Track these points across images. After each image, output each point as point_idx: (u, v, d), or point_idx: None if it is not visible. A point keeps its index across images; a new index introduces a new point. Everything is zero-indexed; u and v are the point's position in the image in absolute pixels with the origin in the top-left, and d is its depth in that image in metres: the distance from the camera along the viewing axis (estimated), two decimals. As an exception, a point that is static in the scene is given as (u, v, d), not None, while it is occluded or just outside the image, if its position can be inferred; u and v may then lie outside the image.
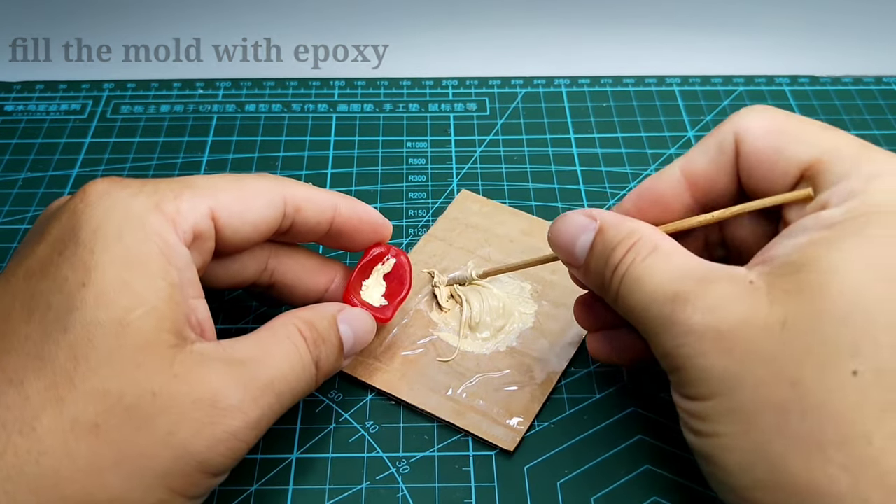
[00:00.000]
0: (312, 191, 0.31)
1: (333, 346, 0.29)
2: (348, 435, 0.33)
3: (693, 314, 0.23)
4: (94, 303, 0.23)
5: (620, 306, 0.27)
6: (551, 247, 0.29)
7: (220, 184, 0.28)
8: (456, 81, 0.51)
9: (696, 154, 0.28)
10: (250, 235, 0.29)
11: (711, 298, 0.23)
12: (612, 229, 0.27)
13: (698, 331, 0.23)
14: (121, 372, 0.23)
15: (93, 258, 0.24)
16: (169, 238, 0.25)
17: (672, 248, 0.26)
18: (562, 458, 0.32)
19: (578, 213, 0.28)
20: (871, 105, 0.49)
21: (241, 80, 0.51)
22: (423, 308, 0.37)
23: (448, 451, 0.32)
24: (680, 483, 0.31)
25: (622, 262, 0.26)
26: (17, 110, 0.49)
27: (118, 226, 0.24)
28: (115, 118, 0.48)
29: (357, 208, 0.32)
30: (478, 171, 0.45)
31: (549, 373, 0.34)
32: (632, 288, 0.25)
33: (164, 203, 0.26)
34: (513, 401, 0.33)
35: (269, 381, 0.26)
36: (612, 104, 0.50)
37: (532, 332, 0.36)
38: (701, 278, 0.24)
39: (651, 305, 0.25)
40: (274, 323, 0.28)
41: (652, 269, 0.25)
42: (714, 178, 0.28)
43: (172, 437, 0.23)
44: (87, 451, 0.22)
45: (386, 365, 0.34)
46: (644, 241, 0.26)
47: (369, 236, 0.33)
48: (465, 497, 0.31)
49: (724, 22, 0.55)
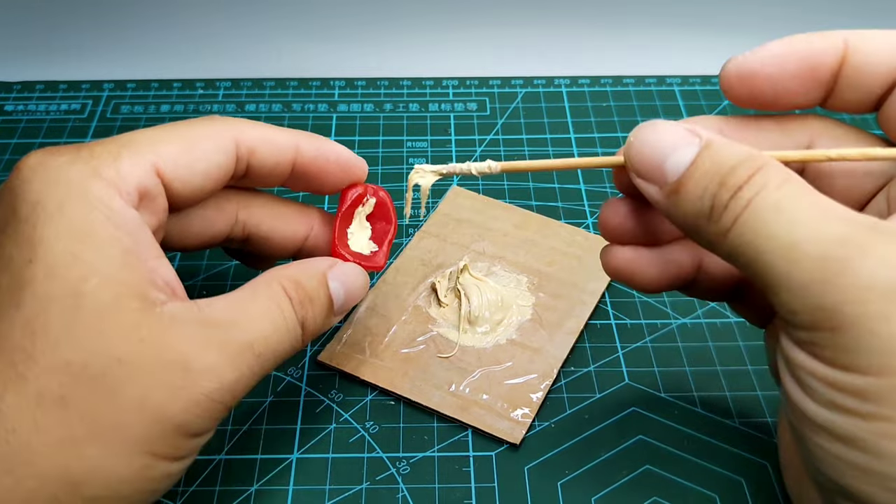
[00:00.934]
0: (269, 130, 0.29)
1: (322, 305, 0.28)
2: (348, 435, 0.33)
3: (880, 265, 0.19)
4: (44, 277, 0.22)
5: (735, 240, 0.22)
6: (629, 159, 0.25)
7: (162, 136, 0.26)
8: (456, 81, 0.51)
9: (867, 38, 0.24)
10: (203, 185, 0.27)
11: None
12: (725, 147, 0.23)
13: (886, 287, 0.19)
14: (82, 342, 0.22)
15: (35, 233, 0.23)
16: (113, 203, 0.24)
17: (807, 185, 0.22)
18: (562, 458, 0.32)
19: (673, 122, 0.24)
20: (871, 105, 0.49)
21: (241, 80, 0.51)
22: (421, 304, 0.37)
23: (448, 452, 0.32)
24: (680, 483, 0.31)
25: (749, 185, 0.22)
26: (17, 110, 0.49)
27: (58, 198, 0.23)
28: (115, 118, 0.48)
29: (323, 147, 0.30)
30: (478, 171, 0.45)
31: (550, 363, 0.34)
32: (766, 219, 0.21)
33: (102, 167, 0.24)
34: (516, 393, 0.33)
35: (247, 342, 0.25)
36: (612, 104, 0.50)
37: (531, 324, 0.36)
38: (872, 227, 0.20)
39: (802, 245, 0.20)
40: (257, 281, 0.27)
41: (797, 201, 0.21)
42: (873, 68, 0.24)
43: (145, 403, 0.22)
44: (58, 425, 0.22)
45: (387, 363, 0.34)
46: (773, 167, 0.22)
47: (339, 177, 0.30)
48: (465, 497, 0.31)
49: (724, 22, 0.55)
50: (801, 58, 0.24)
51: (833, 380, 0.20)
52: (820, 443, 0.21)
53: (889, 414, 0.19)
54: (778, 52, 0.24)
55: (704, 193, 0.22)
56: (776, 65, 0.24)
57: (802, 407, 0.22)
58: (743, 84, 0.25)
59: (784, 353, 0.22)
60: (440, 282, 0.37)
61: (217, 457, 0.32)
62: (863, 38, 0.24)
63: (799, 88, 0.25)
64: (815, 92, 0.25)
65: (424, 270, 0.38)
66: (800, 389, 0.22)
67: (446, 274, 0.38)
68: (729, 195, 0.22)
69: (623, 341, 0.36)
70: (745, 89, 0.25)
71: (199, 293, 0.38)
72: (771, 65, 0.24)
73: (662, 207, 0.24)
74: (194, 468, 0.31)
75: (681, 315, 0.37)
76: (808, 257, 0.20)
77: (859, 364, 0.20)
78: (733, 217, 0.22)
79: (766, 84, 0.25)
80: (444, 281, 0.37)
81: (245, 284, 0.27)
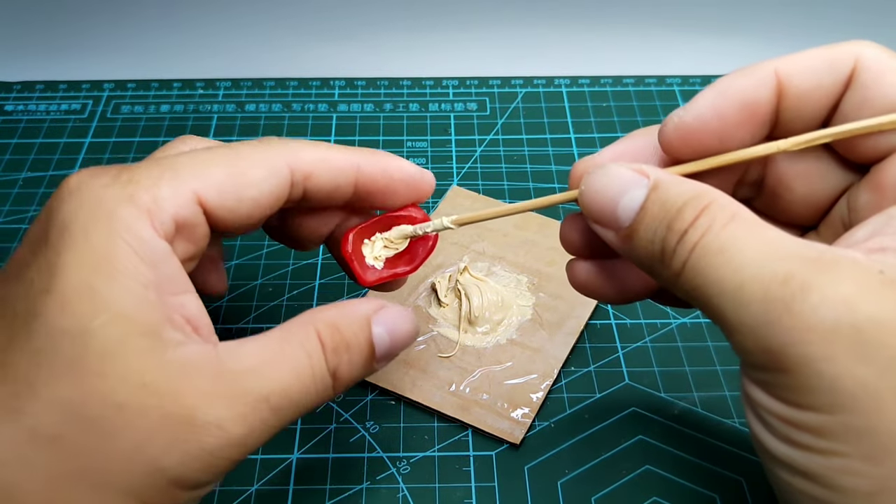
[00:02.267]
0: (327, 151, 0.27)
1: (361, 352, 0.25)
2: (348, 435, 0.33)
3: (821, 305, 0.19)
4: (58, 310, 0.21)
5: (685, 284, 0.22)
6: (583, 206, 0.24)
7: (209, 160, 0.25)
8: (456, 81, 0.51)
9: (797, 60, 0.24)
10: (252, 213, 0.25)
11: (842, 288, 0.19)
12: (672, 186, 0.22)
13: (828, 328, 0.19)
14: (82, 382, 0.21)
15: (59, 260, 0.22)
16: (141, 232, 0.22)
17: (755, 218, 0.21)
18: (562, 458, 0.32)
19: (621, 165, 0.24)
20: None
21: (241, 80, 0.51)
22: (421, 304, 0.37)
23: (448, 451, 0.32)
24: (680, 483, 0.31)
25: (693, 228, 0.21)
26: (17, 110, 0.49)
27: (85, 224, 0.22)
28: (115, 118, 0.48)
29: (387, 164, 0.28)
30: (478, 171, 0.45)
31: (550, 363, 0.34)
32: (711, 262, 0.21)
33: (138, 193, 0.23)
34: (516, 393, 0.33)
35: (264, 395, 0.23)
36: (612, 104, 0.50)
37: (531, 324, 0.36)
38: (816, 260, 0.20)
39: (747, 286, 0.20)
40: (292, 323, 0.25)
41: (740, 241, 0.21)
42: (811, 94, 0.23)
43: (140, 453, 0.21)
44: (47, 463, 0.21)
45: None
46: (718, 204, 0.21)
47: (405, 193, 0.28)
48: (465, 497, 0.31)
49: (724, 22, 0.55)
50: (736, 104, 0.24)
51: (789, 417, 0.20)
52: (783, 476, 0.21)
53: (844, 450, 0.19)
54: (712, 103, 0.24)
55: (654, 237, 0.22)
56: (714, 117, 0.24)
57: (764, 442, 0.22)
58: (686, 144, 0.24)
59: (744, 390, 0.22)
60: (440, 282, 0.37)
61: (217, 457, 0.32)
62: (793, 64, 0.24)
63: (742, 133, 0.24)
64: (760, 130, 0.24)
65: (424, 270, 0.38)
66: (760, 425, 0.22)
67: (446, 274, 0.38)
68: (676, 239, 0.22)
69: (623, 341, 0.36)
70: (689, 148, 0.24)
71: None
72: (708, 119, 0.23)
73: (620, 251, 0.24)
74: (194, 468, 0.31)
75: (681, 315, 0.37)
76: (754, 299, 0.20)
77: (811, 402, 0.20)
78: (682, 261, 0.22)
79: (709, 138, 0.24)
80: (444, 281, 0.37)
81: (279, 327, 0.24)
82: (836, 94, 0.23)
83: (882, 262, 0.20)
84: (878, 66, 0.23)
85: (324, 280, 0.39)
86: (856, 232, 0.22)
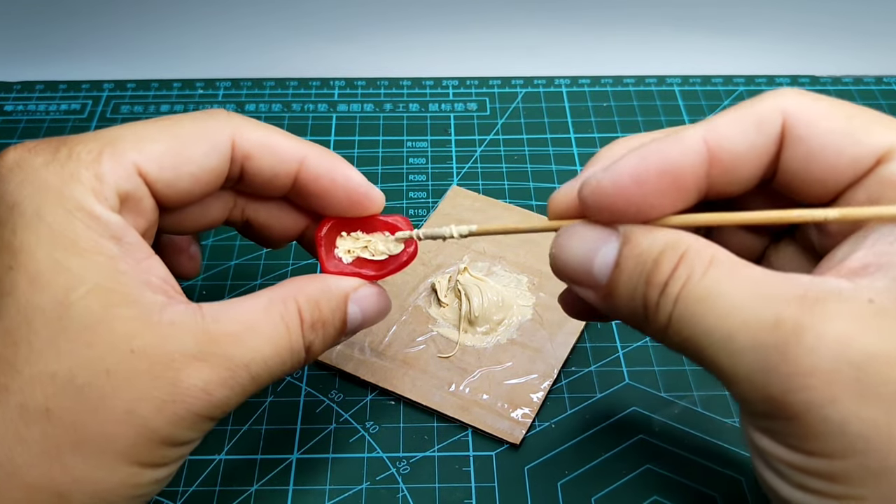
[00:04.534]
0: (273, 136, 0.26)
1: (335, 328, 0.26)
2: (348, 435, 0.33)
3: (816, 348, 0.18)
4: (28, 286, 0.22)
5: (674, 337, 0.21)
6: (557, 271, 0.24)
7: (149, 133, 0.24)
8: (456, 81, 0.51)
9: (726, 126, 0.22)
10: (191, 189, 0.25)
11: (835, 325, 0.18)
12: (644, 238, 0.22)
13: (827, 370, 0.18)
14: (69, 353, 0.22)
15: (16, 238, 0.22)
16: (93, 209, 0.22)
17: (733, 259, 0.21)
18: (562, 458, 0.32)
19: (585, 223, 0.23)
20: (871, 105, 0.49)
21: (241, 80, 0.51)
22: (421, 304, 0.37)
23: (448, 451, 0.32)
24: (680, 483, 0.31)
25: (673, 279, 0.21)
26: (17, 110, 0.49)
27: (36, 203, 0.22)
28: (115, 118, 0.48)
29: (333, 167, 0.27)
30: (478, 171, 0.45)
31: (550, 363, 0.34)
32: (696, 312, 0.20)
33: (80, 170, 0.23)
34: (516, 393, 0.33)
35: (244, 363, 0.23)
36: (612, 104, 0.50)
37: (531, 324, 0.36)
38: (802, 298, 0.19)
39: (738, 335, 0.19)
40: (274, 293, 0.25)
41: (723, 287, 0.20)
42: (744, 159, 0.22)
43: (131, 415, 0.22)
44: (41, 436, 0.21)
45: (387, 363, 0.34)
46: (694, 250, 0.21)
47: (343, 204, 0.27)
48: (465, 497, 0.31)
49: (724, 22, 0.55)
50: (658, 172, 0.22)
51: (800, 464, 0.20)
52: None
53: (861, 493, 0.19)
54: (633, 169, 0.22)
55: (635, 293, 0.22)
56: (632, 184, 0.22)
57: (776, 489, 0.21)
58: (602, 209, 0.22)
59: (750, 438, 0.22)
60: (440, 282, 0.37)
61: (217, 457, 0.32)
62: (721, 130, 0.22)
63: (665, 202, 0.22)
64: (685, 198, 0.23)
65: (424, 270, 0.38)
66: (771, 472, 0.21)
67: (446, 274, 0.38)
68: (657, 293, 0.21)
69: (623, 341, 0.36)
70: (606, 213, 0.23)
71: (199, 293, 0.38)
72: (626, 185, 0.22)
73: (603, 310, 0.24)
74: (194, 468, 0.31)
75: (681, 315, 0.37)
76: (747, 348, 0.19)
77: (822, 448, 0.19)
78: (666, 315, 0.21)
79: (626, 205, 0.22)
80: (444, 281, 0.37)
81: (263, 291, 0.25)
82: (770, 153, 0.23)
83: (869, 287, 0.19)
84: (808, 116, 0.22)
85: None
86: (836, 253, 0.21)
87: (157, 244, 0.27)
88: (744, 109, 0.23)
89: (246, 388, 0.24)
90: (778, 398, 0.19)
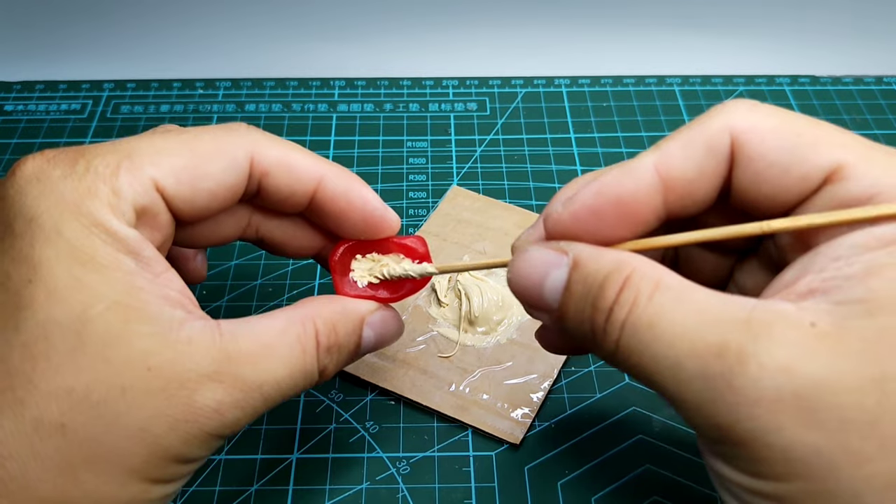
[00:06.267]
0: (292, 154, 0.26)
1: (348, 352, 0.26)
2: (348, 435, 0.33)
3: (760, 377, 0.19)
4: (46, 301, 0.22)
5: (623, 363, 0.21)
6: (513, 292, 0.24)
7: (167, 146, 0.24)
8: (456, 81, 0.51)
9: (675, 152, 0.23)
10: (208, 204, 0.25)
11: (778, 353, 0.19)
12: (591, 261, 0.22)
13: (771, 399, 0.19)
14: (86, 369, 0.22)
15: (34, 252, 0.22)
16: (110, 225, 0.23)
17: (681, 282, 0.21)
18: (562, 458, 0.32)
19: (540, 245, 0.23)
20: (871, 105, 0.49)
21: (241, 80, 0.51)
22: (421, 303, 0.37)
23: (448, 451, 0.32)
24: (680, 483, 0.31)
25: (618, 305, 0.21)
26: (17, 110, 0.49)
27: (54, 218, 0.22)
28: (115, 118, 0.48)
29: (350, 188, 0.27)
30: (478, 171, 0.45)
31: (550, 363, 0.34)
32: (643, 339, 0.20)
33: (97, 184, 0.23)
34: (516, 393, 0.33)
35: (258, 384, 0.24)
36: (612, 104, 0.50)
37: (532, 324, 0.36)
38: (746, 322, 0.19)
39: (684, 363, 0.20)
40: (292, 313, 0.25)
41: (668, 313, 0.20)
42: (696, 182, 0.23)
43: (145, 433, 0.22)
44: (55, 451, 0.21)
45: (387, 363, 0.34)
46: (640, 273, 0.21)
47: (359, 227, 0.27)
48: (465, 497, 0.31)
49: (724, 22, 0.55)
50: (613, 205, 0.22)
51: (749, 486, 0.20)
52: None
53: None
54: (591, 203, 0.22)
55: (583, 317, 0.22)
56: (590, 216, 0.23)
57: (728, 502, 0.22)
58: (567, 237, 0.23)
59: (706, 460, 0.22)
60: (440, 282, 0.37)
61: (217, 457, 0.32)
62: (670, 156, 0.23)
63: (622, 231, 0.23)
64: (643, 227, 0.23)
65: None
66: (726, 493, 0.22)
67: (446, 274, 0.38)
68: (603, 318, 0.21)
69: (623, 341, 0.36)
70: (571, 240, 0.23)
71: (199, 293, 0.38)
72: (584, 218, 0.23)
73: (560, 332, 0.24)
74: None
75: (681, 315, 0.37)
76: (694, 377, 0.19)
77: (768, 472, 0.19)
78: (614, 341, 0.21)
79: (585, 237, 0.23)
80: (444, 281, 0.37)
81: (280, 311, 0.25)
82: (721, 175, 0.23)
83: (813, 310, 0.19)
84: (756, 135, 0.22)
85: (324, 280, 0.39)
86: (785, 274, 0.21)
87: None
88: (693, 131, 0.23)
89: (257, 408, 0.24)
90: (725, 427, 0.19)
